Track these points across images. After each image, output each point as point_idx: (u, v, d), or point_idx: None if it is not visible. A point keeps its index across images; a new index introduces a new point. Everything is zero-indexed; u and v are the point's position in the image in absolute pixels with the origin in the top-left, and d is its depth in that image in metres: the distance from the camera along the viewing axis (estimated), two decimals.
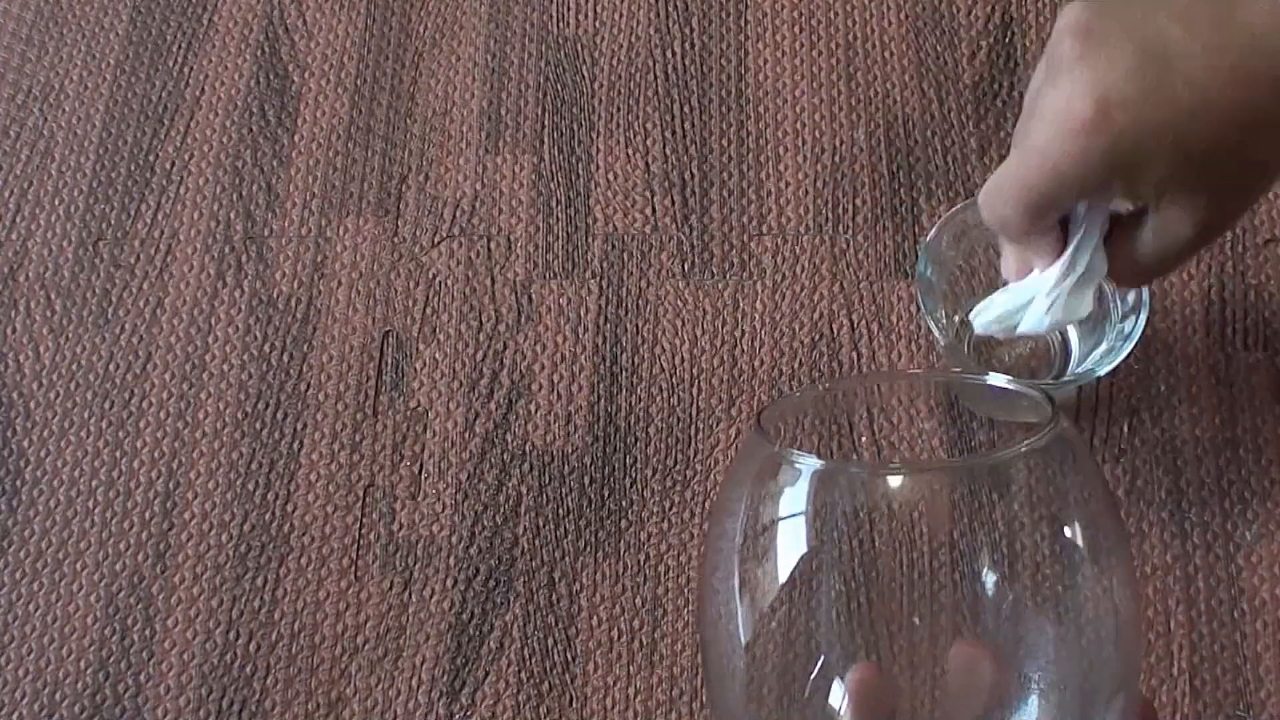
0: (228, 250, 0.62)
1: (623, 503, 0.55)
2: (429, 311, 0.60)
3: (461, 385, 0.58)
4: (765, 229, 0.60)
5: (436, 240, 0.61)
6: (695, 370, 0.57)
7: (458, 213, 0.61)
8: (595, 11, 0.66)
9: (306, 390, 0.58)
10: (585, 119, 0.63)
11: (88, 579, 0.56)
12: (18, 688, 0.54)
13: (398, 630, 0.54)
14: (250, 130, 0.64)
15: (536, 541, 0.55)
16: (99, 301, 0.61)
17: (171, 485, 0.57)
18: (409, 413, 0.58)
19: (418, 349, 0.59)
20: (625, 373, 0.58)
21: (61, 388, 0.59)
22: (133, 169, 0.64)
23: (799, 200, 0.60)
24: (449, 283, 0.60)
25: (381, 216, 0.62)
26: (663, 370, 0.58)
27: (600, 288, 0.59)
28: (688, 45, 0.64)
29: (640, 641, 0.53)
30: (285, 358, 0.59)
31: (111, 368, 0.60)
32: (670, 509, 0.55)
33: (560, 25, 0.65)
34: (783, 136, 0.62)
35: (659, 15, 0.65)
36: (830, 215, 0.60)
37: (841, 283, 0.58)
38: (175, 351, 0.60)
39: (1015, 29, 0.63)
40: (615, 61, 0.64)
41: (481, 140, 0.63)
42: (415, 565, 0.55)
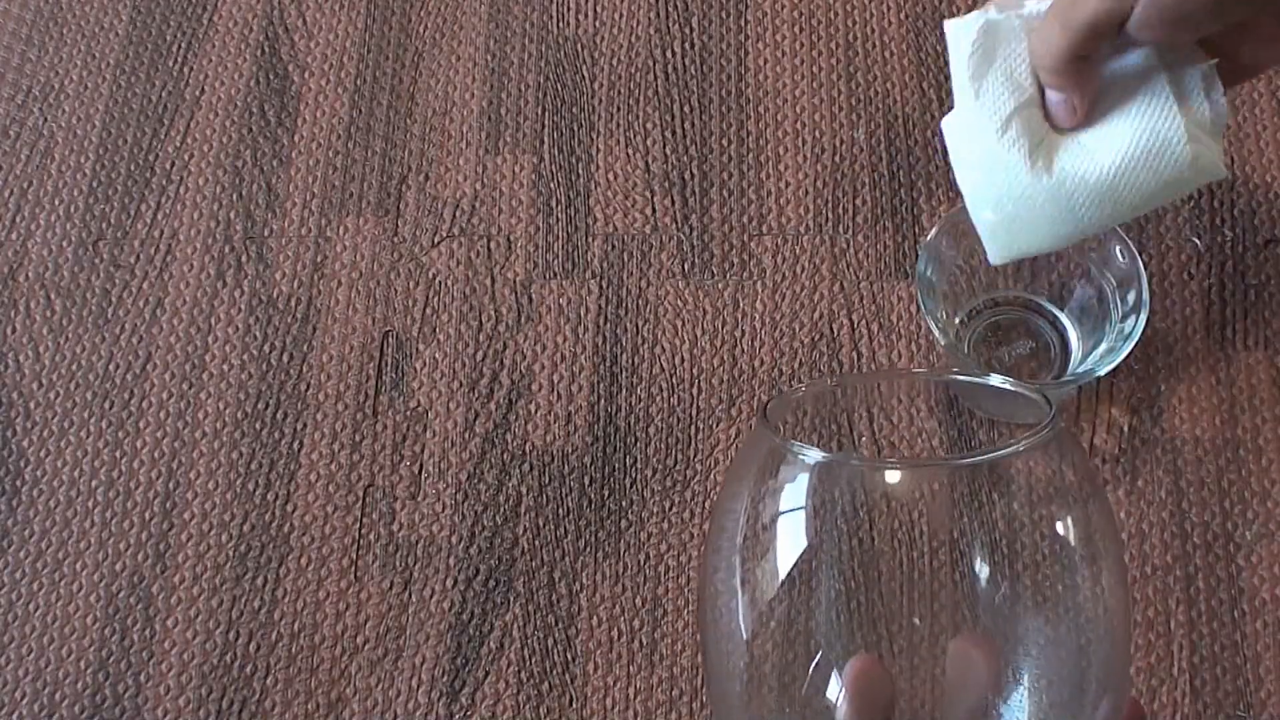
0: (228, 250, 0.62)
1: (623, 503, 0.55)
2: (429, 311, 0.60)
3: (461, 385, 0.58)
4: (765, 229, 0.60)
5: (436, 240, 0.61)
6: (695, 370, 0.57)
7: (458, 213, 0.62)
8: (595, 11, 0.66)
9: (306, 390, 0.58)
10: (585, 119, 0.63)
11: (88, 579, 0.56)
12: (18, 688, 0.54)
13: (398, 630, 0.54)
14: (250, 130, 0.64)
15: (536, 541, 0.55)
16: (99, 301, 0.61)
17: (171, 485, 0.57)
18: (409, 413, 0.58)
19: (418, 349, 0.59)
20: (625, 373, 0.58)
21: (61, 388, 0.59)
22: (133, 169, 0.64)
23: (799, 200, 0.60)
24: (449, 283, 0.60)
25: (381, 216, 0.62)
26: (663, 370, 0.58)
27: (600, 288, 0.59)
28: (688, 45, 0.64)
29: (640, 641, 0.53)
30: (285, 358, 0.59)
31: (111, 368, 0.60)
32: (670, 509, 0.55)
33: (560, 25, 0.65)
34: (783, 136, 0.62)
35: (659, 15, 0.65)
36: (830, 215, 0.60)
37: (841, 283, 0.58)
38: (175, 351, 0.60)
39: None
40: (615, 61, 0.64)
41: (481, 140, 0.63)
42: (415, 565, 0.55)
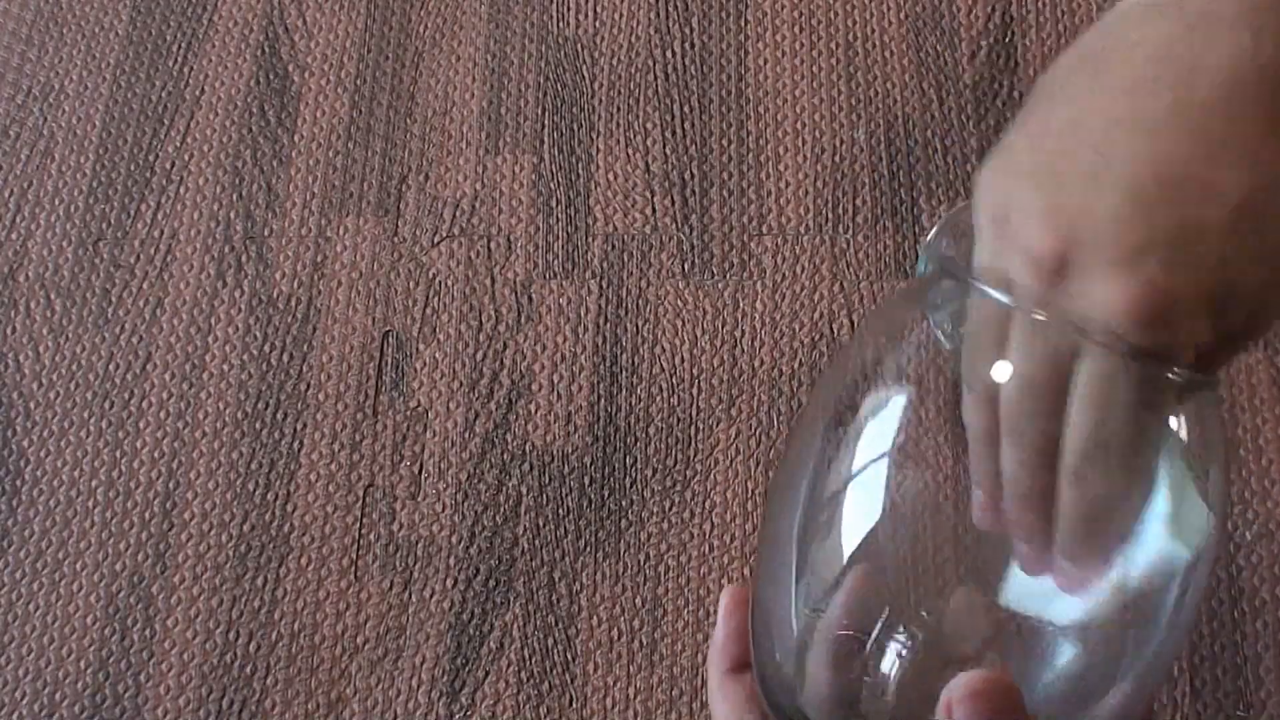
0: (228, 250, 0.62)
1: (623, 503, 0.55)
2: (429, 311, 0.60)
3: (461, 385, 0.58)
4: (765, 229, 0.60)
5: (436, 240, 0.61)
6: (695, 370, 0.57)
7: (458, 213, 0.61)
8: (595, 11, 0.66)
9: (306, 390, 0.58)
10: (585, 119, 0.63)
11: (88, 579, 0.56)
12: (18, 688, 0.54)
13: (398, 630, 0.54)
14: (250, 130, 0.64)
15: (536, 541, 0.55)
16: (99, 301, 0.61)
17: (171, 485, 0.57)
18: (409, 413, 0.58)
19: (418, 349, 0.59)
20: (625, 373, 0.58)
21: (61, 388, 0.59)
22: (133, 169, 0.64)
23: (799, 200, 0.60)
24: (449, 283, 0.60)
25: (381, 216, 0.62)
26: (663, 370, 0.58)
27: (600, 288, 0.59)
28: (688, 45, 0.64)
29: (640, 641, 0.53)
30: (285, 358, 0.59)
31: (111, 368, 0.60)
32: (670, 509, 0.55)
33: (560, 25, 0.65)
34: (783, 136, 0.62)
35: (659, 15, 0.65)
36: (830, 215, 0.60)
37: (841, 283, 0.58)
38: (175, 351, 0.60)
39: (1015, 29, 0.63)
40: (615, 61, 0.64)
41: (481, 140, 0.63)
42: (415, 565, 0.55)
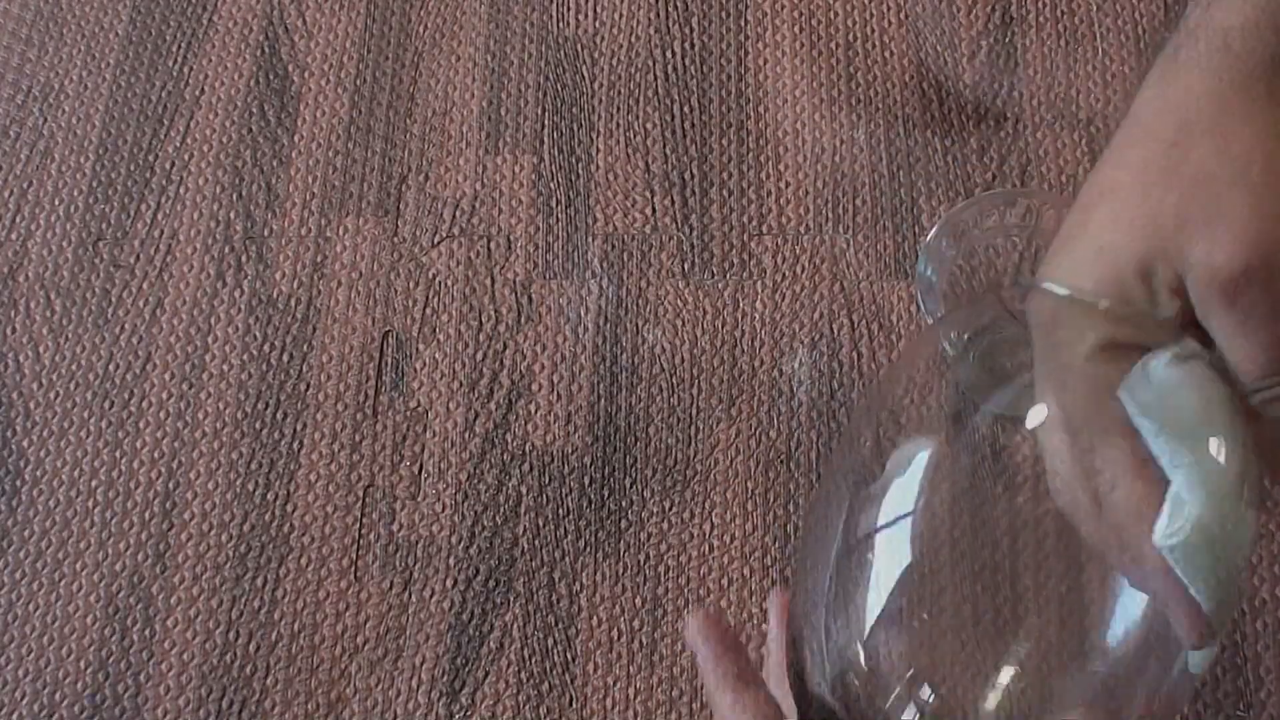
0: (228, 250, 0.62)
1: (623, 503, 0.55)
2: (429, 311, 0.60)
3: (461, 385, 0.58)
4: (765, 229, 0.60)
5: (436, 240, 0.61)
6: (695, 370, 0.57)
7: (458, 213, 0.61)
8: (595, 11, 0.66)
9: (306, 390, 0.58)
10: (585, 119, 0.63)
11: (87, 579, 0.56)
12: (18, 688, 0.54)
13: (397, 630, 0.54)
14: (250, 130, 0.64)
15: (536, 542, 0.55)
16: (99, 301, 0.61)
17: (171, 485, 0.57)
18: (409, 413, 0.58)
19: (418, 349, 0.59)
20: (625, 373, 0.58)
21: (61, 388, 0.59)
22: (133, 169, 0.64)
23: (799, 200, 0.60)
24: (449, 283, 0.60)
25: (381, 216, 0.62)
26: (663, 370, 0.58)
27: (600, 288, 0.59)
28: (688, 45, 0.64)
29: (640, 641, 0.53)
30: (285, 358, 0.59)
31: (111, 368, 0.60)
32: (670, 509, 0.55)
33: (560, 25, 0.65)
34: (783, 136, 0.62)
35: (659, 15, 0.65)
36: (830, 215, 0.60)
37: (841, 283, 0.58)
38: (175, 351, 0.60)
39: (1015, 29, 0.63)
40: (615, 61, 0.64)
41: (481, 140, 0.63)
42: (415, 565, 0.55)
